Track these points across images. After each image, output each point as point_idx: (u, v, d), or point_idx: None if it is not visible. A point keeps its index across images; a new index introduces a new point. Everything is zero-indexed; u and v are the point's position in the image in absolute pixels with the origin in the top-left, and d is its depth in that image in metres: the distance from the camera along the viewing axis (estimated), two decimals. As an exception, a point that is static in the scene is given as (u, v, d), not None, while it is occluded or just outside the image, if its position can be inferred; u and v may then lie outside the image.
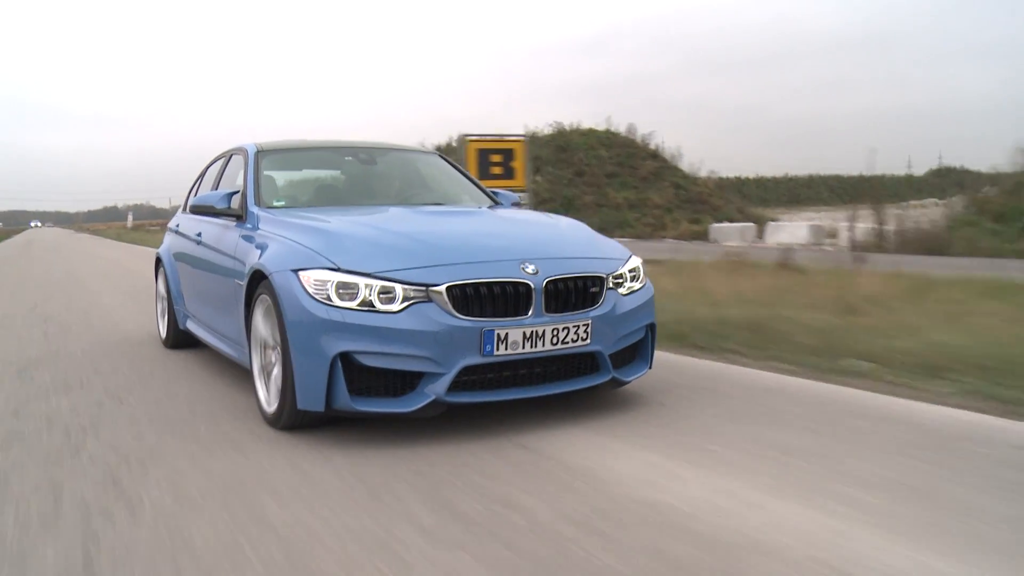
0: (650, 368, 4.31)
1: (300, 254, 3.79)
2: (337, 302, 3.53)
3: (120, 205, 71.47)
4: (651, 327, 4.30)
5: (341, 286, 3.55)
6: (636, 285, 4.22)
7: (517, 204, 5.50)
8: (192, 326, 5.78)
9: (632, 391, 4.45)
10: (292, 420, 3.77)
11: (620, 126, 40.21)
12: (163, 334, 6.52)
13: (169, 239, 6.51)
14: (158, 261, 6.62)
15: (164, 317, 6.49)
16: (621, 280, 4.10)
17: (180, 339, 6.18)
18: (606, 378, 3.98)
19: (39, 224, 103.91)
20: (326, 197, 5.22)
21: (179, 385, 5.01)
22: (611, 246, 4.37)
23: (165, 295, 6.39)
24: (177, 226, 6.31)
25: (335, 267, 3.62)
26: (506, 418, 3.93)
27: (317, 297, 3.56)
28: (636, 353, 4.28)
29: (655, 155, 39.07)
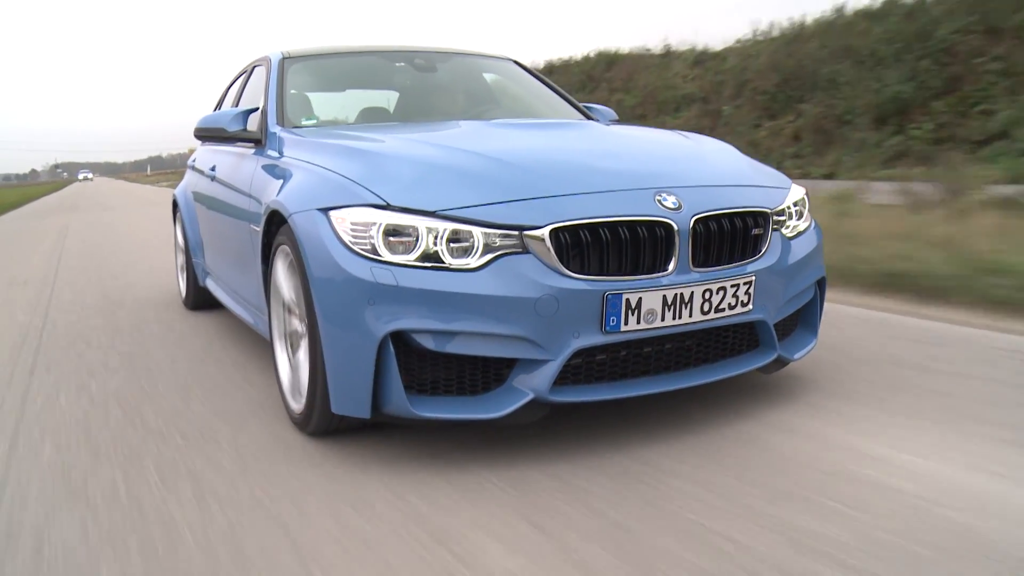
0: (816, 339, 3.08)
1: (332, 185, 2.61)
2: (387, 255, 2.35)
3: (164, 155, 73.24)
4: (821, 283, 3.07)
5: (392, 231, 2.37)
6: (801, 225, 2.99)
7: (616, 122, 4.26)
8: (211, 285, 4.66)
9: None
10: (324, 424, 2.65)
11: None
12: (183, 292, 5.42)
13: (187, 177, 5.37)
14: (175, 205, 5.48)
15: (183, 273, 5.38)
16: (783, 218, 2.87)
17: (203, 299, 5.08)
18: (770, 358, 2.78)
19: (89, 175, 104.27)
20: (373, 115, 4.03)
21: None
22: (767, 171, 3.12)
23: (183, 245, 5.26)
24: (194, 161, 5.16)
25: (383, 203, 2.43)
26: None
27: (357, 248, 2.38)
28: (798, 319, 3.07)
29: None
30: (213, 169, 4.26)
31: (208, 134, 3.73)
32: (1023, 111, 12.68)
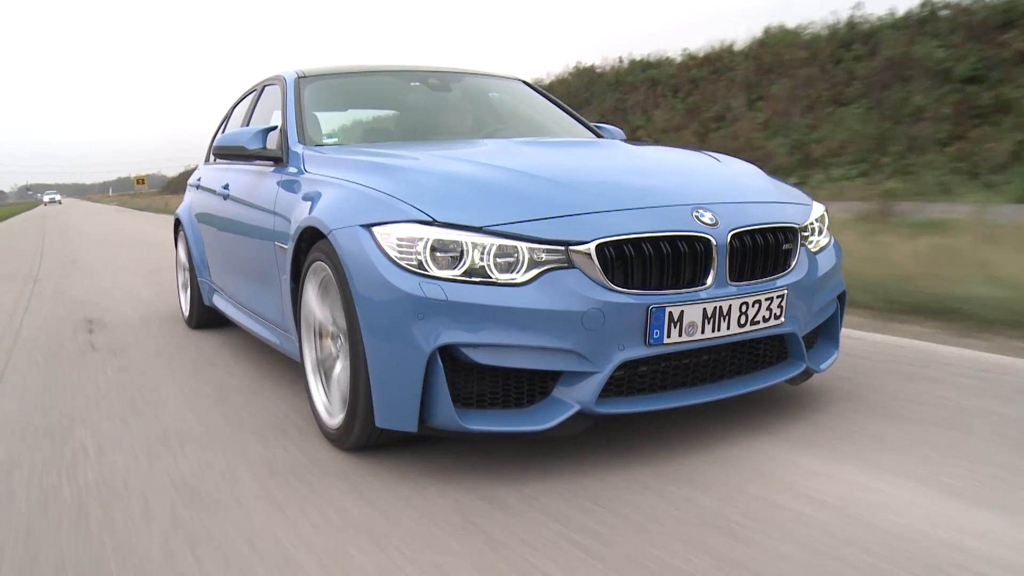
0: (839, 351, 3.14)
1: (373, 201, 2.64)
2: (434, 270, 2.38)
3: (133, 175, 72.48)
4: (841, 297, 3.14)
5: (439, 246, 2.40)
6: (823, 240, 3.06)
7: (626, 141, 4.32)
8: (220, 303, 4.65)
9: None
10: (365, 439, 2.66)
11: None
12: (185, 312, 5.41)
13: (190, 196, 5.36)
14: (177, 224, 5.48)
15: (187, 291, 5.37)
16: (808, 233, 2.94)
17: (206, 317, 5.07)
18: (799, 369, 2.84)
19: (56, 197, 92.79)
20: (387, 135, 4.06)
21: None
22: (790, 189, 3.19)
23: (187, 264, 5.26)
24: (199, 180, 5.16)
25: (428, 219, 2.46)
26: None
27: (403, 263, 2.41)
28: (819, 332, 3.13)
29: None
30: (226, 187, 4.26)
31: (227, 152, 3.73)
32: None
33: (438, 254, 2.39)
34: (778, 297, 2.65)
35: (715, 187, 2.83)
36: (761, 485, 2.33)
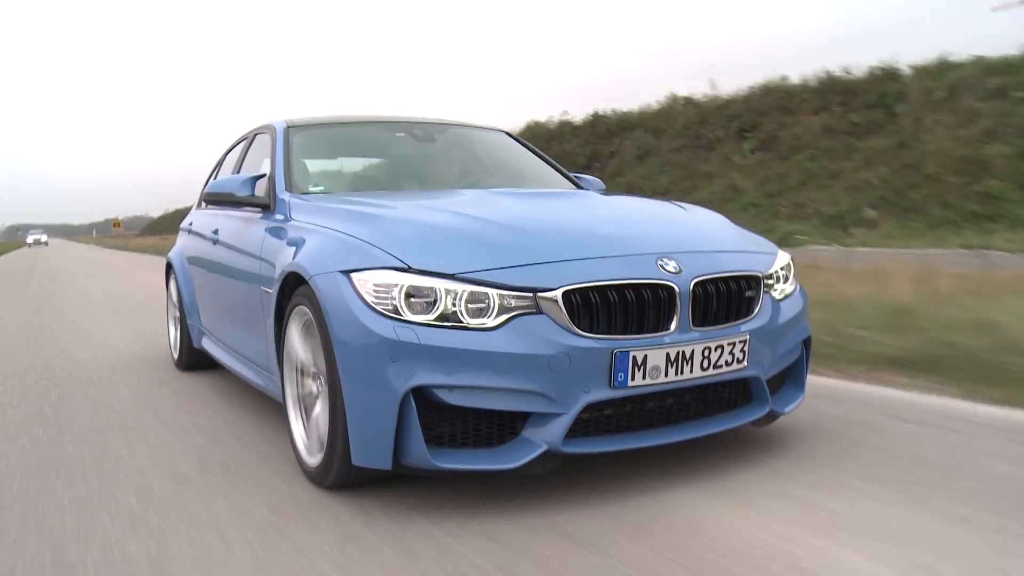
0: (804, 394, 3.25)
1: (352, 249, 2.77)
2: (408, 315, 2.50)
3: (121, 216, 72.36)
4: (807, 342, 3.26)
5: (413, 292, 2.52)
6: (788, 288, 3.19)
7: (604, 192, 4.47)
8: (209, 345, 4.75)
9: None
10: (343, 478, 2.75)
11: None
12: (175, 354, 5.50)
13: (182, 240, 5.49)
14: (169, 267, 5.60)
15: (177, 333, 5.47)
16: (772, 281, 3.07)
17: (196, 360, 5.16)
18: (763, 411, 2.95)
19: (43, 237, 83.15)
20: (373, 184, 4.20)
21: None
22: (756, 239, 3.33)
23: (177, 306, 5.36)
24: (191, 225, 5.29)
25: (403, 266, 2.58)
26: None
27: (379, 308, 2.53)
28: (786, 376, 3.24)
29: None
30: (216, 232, 4.39)
31: (218, 198, 3.87)
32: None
33: (412, 299, 2.51)
34: (740, 342, 2.77)
35: (680, 236, 2.96)
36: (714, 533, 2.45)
